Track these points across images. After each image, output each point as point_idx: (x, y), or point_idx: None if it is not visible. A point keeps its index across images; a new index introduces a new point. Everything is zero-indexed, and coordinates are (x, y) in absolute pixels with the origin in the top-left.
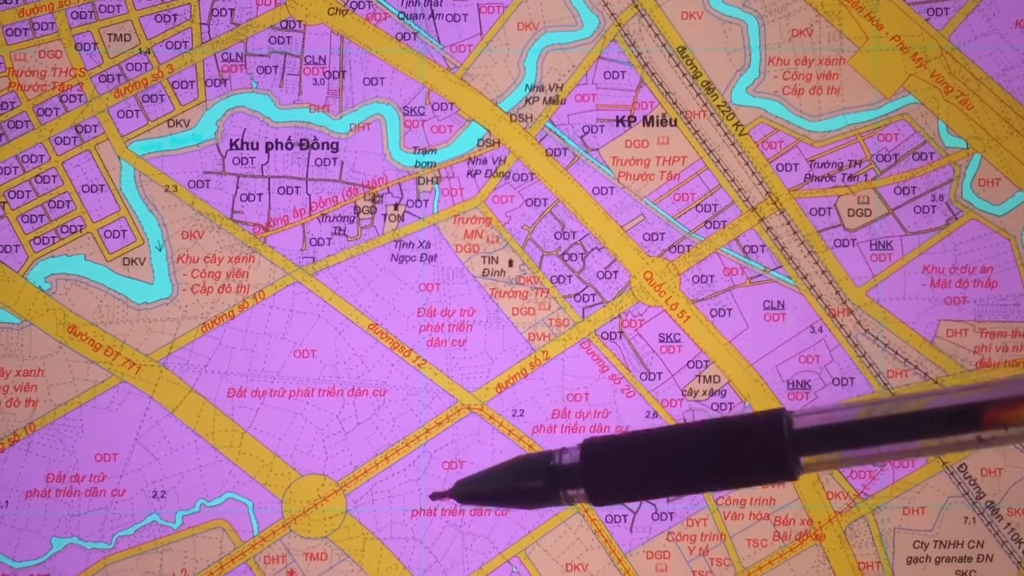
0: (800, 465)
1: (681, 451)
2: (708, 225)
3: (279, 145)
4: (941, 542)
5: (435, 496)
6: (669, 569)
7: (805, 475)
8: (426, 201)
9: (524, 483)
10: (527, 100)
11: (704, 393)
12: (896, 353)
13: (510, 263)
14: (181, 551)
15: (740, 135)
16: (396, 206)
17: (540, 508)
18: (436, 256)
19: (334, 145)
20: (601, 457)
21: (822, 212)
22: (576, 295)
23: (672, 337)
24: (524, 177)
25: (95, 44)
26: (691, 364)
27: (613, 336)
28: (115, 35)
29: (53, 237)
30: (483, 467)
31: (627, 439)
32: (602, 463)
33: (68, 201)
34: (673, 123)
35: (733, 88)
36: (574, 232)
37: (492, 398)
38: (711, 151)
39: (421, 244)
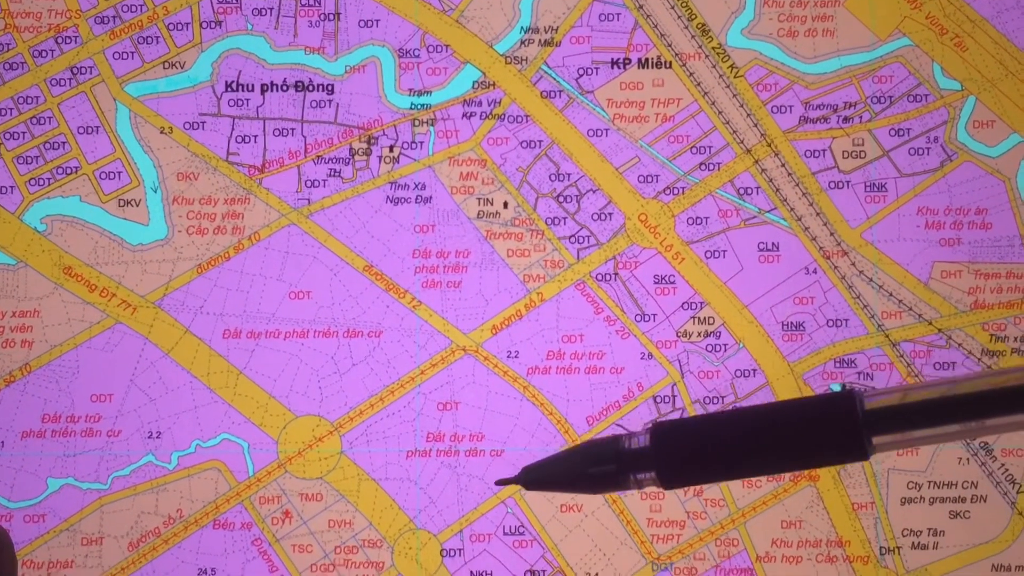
0: (873, 445)
1: (753, 434)
2: (703, 167)
3: (274, 87)
4: (935, 483)
5: (501, 483)
6: (664, 510)
7: None
8: (421, 143)
9: (594, 468)
10: (522, 42)
11: (698, 335)
12: (890, 294)
13: (505, 205)
14: (177, 491)
15: (735, 77)
16: (391, 148)
17: (608, 492)
18: (431, 198)
19: (329, 87)
20: (671, 441)
21: (817, 154)
22: (571, 237)
23: (666, 279)
24: (519, 119)
25: None
26: (685, 306)
27: (608, 278)
28: None
29: (48, 179)
30: (478, 408)
31: (696, 422)
32: (672, 447)
33: (63, 143)
34: (668, 65)
35: (728, 30)
36: (569, 174)
37: (487, 339)
38: (706, 93)
39: (416, 186)
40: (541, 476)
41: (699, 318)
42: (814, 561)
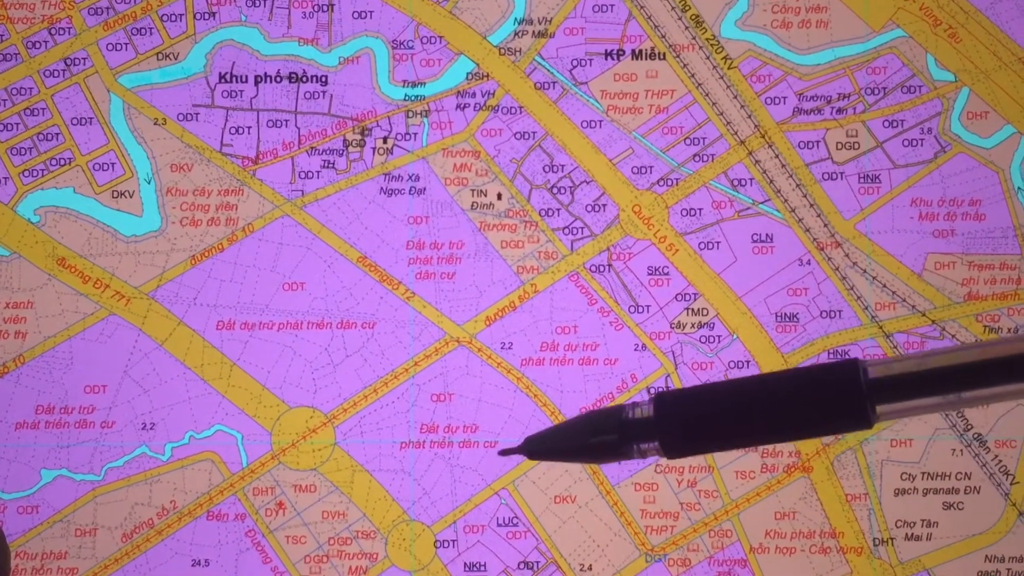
0: (876, 414)
1: (756, 402)
2: (697, 158)
3: (268, 78)
4: (928, 474)
5: (504, 453)
6: (657, 501)
7: None
8: (415, 134)
9: (596, 438)
10: (516, 34)
11: (692, 326)
12: (884, 286)
13: (499, 196)
14: (170, 483)
15: (729, 68)
16: (385, 139)
17: (611, 462)
18: (425, 189)
19: (323, 78)
20: (674, 410)
21: (810, 145)
22: (565, 228)
23: (660, 270)
24: (513, 111)
25: None
26: (679, 297)
27: (601, 269)
28: None
29: (42, 170)
30: (471, 399)
31: (700, 391)
32: (675, 416)
33: (57, 134)
34: (662, 56)
35: (722, 21)
36: (563, 165)
37: (481, 331)
38: (700, 84)
39: (410, 177)
40: (544, 446)
41: (693, 309)
42: (807, 552)
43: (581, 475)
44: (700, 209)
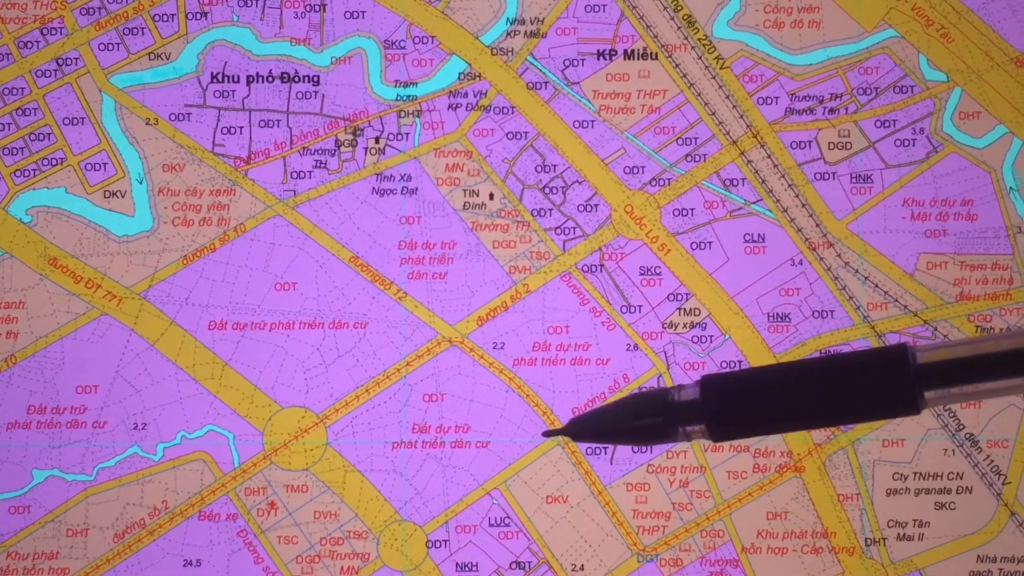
0: (924, 400)
1: (803, 386)
2: (689, 158)
3: (260, 78)
4: (920, 474)
5: (548, 434)
6: (649, 501)
7: None
8: (407, 134)
9: (642, 420)
10: (508, 34)
11: (684, 326)
12: (876, 286)
13: (491, 196)
14: (162, 483)
15: (721, 68)
16: (377, 139)
17: (656, 445)
18: (417, 189)
19: (315, 79)
20: (721, 392)
21: (803, 145)
22: (557, 228)
23: (652, 270)
24: (505, 111)
25: None
26: (671, 297)
27: (593, 269)
28: None
29: (34, 170)
30: (463, 399)
31: (747, 374)
32: (722, 399)
33: (49, 134)
34: (654, 56)
35: (714, 21)
36: (555, 165)
37: (473, 331)
38: (692, 84)
39: (402, 177)
40: (589, 428)
41: (685, 309)
42: (799, 552)
43: (573, 475)
44: (692, 209)
